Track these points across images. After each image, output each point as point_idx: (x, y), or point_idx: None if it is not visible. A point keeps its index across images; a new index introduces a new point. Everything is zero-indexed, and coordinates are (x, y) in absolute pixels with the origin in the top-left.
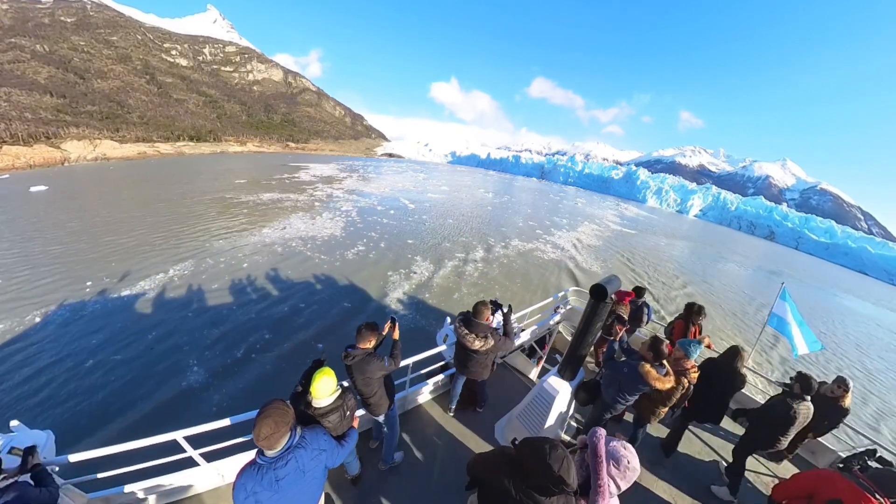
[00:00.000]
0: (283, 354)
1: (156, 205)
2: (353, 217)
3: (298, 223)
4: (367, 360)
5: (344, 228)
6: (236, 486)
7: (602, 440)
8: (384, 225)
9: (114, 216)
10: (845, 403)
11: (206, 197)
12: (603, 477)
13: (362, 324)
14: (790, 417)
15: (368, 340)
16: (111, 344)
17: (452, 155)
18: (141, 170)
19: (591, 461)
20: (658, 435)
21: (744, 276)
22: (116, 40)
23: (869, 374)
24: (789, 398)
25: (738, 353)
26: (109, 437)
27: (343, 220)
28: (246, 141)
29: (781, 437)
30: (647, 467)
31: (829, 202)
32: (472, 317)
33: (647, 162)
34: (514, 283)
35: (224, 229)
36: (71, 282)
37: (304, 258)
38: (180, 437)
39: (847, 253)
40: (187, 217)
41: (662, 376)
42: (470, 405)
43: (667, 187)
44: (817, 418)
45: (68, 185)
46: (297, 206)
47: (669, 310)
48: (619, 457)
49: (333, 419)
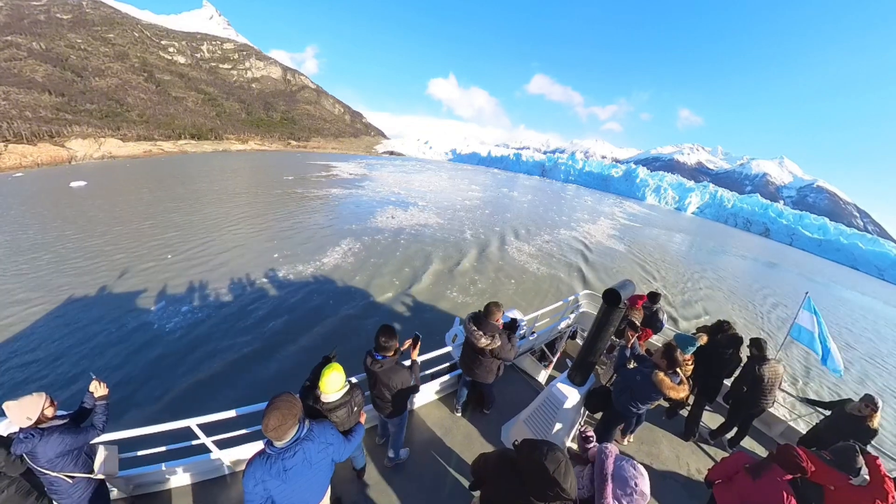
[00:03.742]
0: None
1: (237, 198)
2: (434, 211)
3: (401, 215)
4: (396, 370)
5: (441, 219)
6: (246, 474)
7: (611, 458)
8: (467, 218)
9: (206, 210)
10: (873, 424)
11: (276, 190)
12: (607, 498)
13: (385, 330)
14: (757, 378)
15: (393, 349)
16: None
17: (453, 153)
18: (161, 167)
19: (597, 479)
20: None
21: (745, 269)
22: (113, 37)
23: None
24: (753, 362)
25: (741, 340)
26: (129, 421)
27: (432, 213)
28: (247, 139)
29: (763, 399)
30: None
31: (826, 200)
32: (483, 316)
33: (646, 159)
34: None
35: (331, 219)
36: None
37: (429, 248)
38: (194, 424)
39: (839, 249)
40: (286, 208)
41: (676, 385)
42: (477, 406)
43: (665, 185)
44: (841, 438)
45: (107, 181)
46: (377, 200)
47: (685, 314)
48: (626, 478)
49: (341, 414)
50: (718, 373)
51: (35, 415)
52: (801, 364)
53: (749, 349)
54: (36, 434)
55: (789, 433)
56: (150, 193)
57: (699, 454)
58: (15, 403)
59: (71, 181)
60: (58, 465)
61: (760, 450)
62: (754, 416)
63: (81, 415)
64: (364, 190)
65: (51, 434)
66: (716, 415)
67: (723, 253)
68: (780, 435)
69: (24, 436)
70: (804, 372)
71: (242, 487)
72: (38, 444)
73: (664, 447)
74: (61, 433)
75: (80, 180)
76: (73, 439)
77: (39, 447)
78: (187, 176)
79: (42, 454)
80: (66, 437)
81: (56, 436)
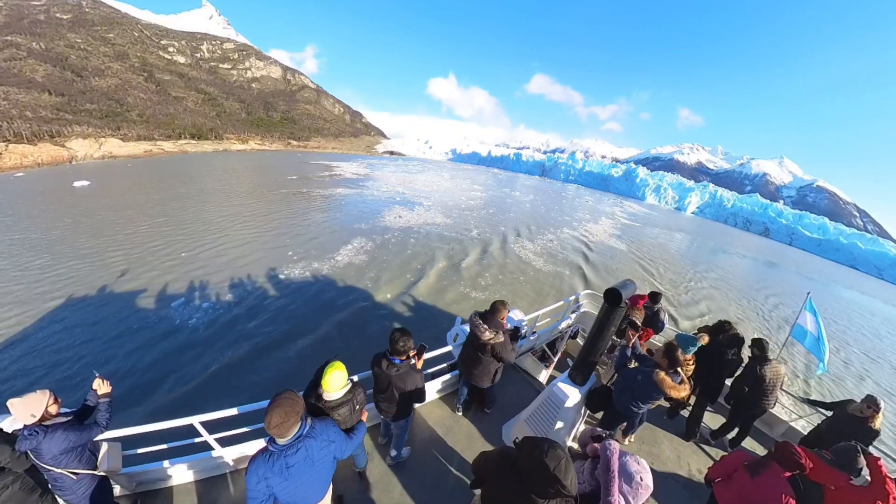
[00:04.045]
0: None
1: (245, 197)
2: (439, 210)
3: (408, 214)
4: (411, 374)
5: (447, 219)
6: (249, 470)
7: (615, 454)
8: (472, 217)
9: (215, 209)
10: (875, 424)
11: (281, 190)
12: (614, 494)
13: (401, 333)
14: (759, 378)
15: (408, 353)
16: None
17: (453, 153)
18: (163, 167)
19: (603, 475)
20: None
21: (745, 268)
22: (113, 37)
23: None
24: (755, 363)
25: (742, 340)
26: (132, 418)
27: (438, 212)
28: (248, 139)
29: (764, 399)
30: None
31: (825, 199)
32: (490, 313)
33: (646, 159)
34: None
35: (333, 219)
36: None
37: (433, 245)
38: (197, 422)
39: (838, 249)
40: (294, 207)
41: (678, 384)
42: (478, 406)
43: (665, 185)
44: (843, 438)
45: (108, 181)
46: (383, 200)
47: (685, 313)
48: (632, 473)
49: (343, 412)
50: (720, 373)
51: (39, 412)
52: (803, 363)
53: (751, 349)
54: (40, 431)
55: (791, 434)
56: (156, 193)
57: (700, 454)
58: (19, 401)
59: (73, 181)
60: (62, 462)
61: (761, 450)
62: (755, 416)
63: (85, 412)
64: (369, 190)
65: (55, 431)
66: (717, 415)
67: (723, 252)
68: (782, 435)
69: (28, 433)
70: (805, 372)
71: (245, 484)
72: (42, 441)
73: (665, 447)
74: (65, 430)
75: (83, 180)
76: (76, 436)
77: (44, 444)
78: (190, 175)
79: (46, 451)
80: (70, 434)
81: (60, 433)
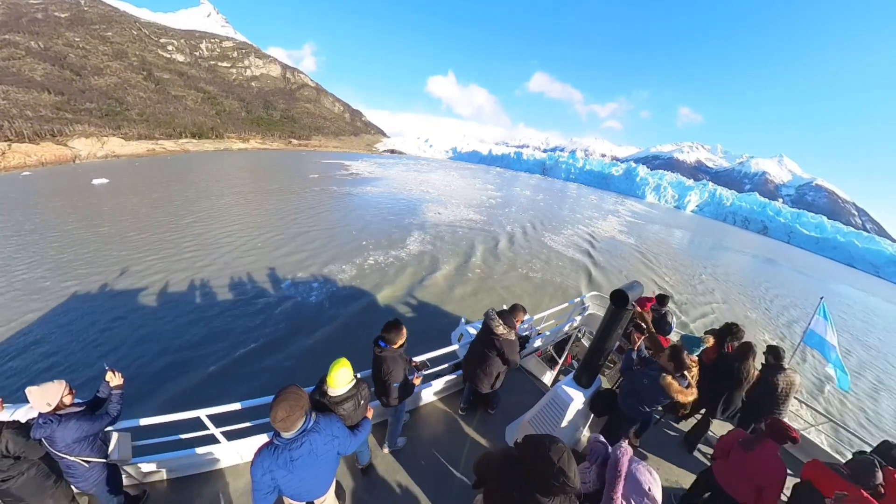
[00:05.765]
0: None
1: (279, 194)
2: (469, 208)
3: (445, 211)
4: (395, 361)
5: (480, 215)
6: (254, 463)
7: (626, 456)
8: (500, 214)
9: (261, 208)
10: None
11: (314, 188)
12: (617, 494)
13: (389, 325)
14: (771, 387)
15: (396, 343)
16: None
17: (454, 151)
18: (172, 166)
19: (610, 474)
20: (678, 430)
21: (745, 267)
22: (111, 36)
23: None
24: (768, 370)
25: (750, 350)
26: (142, 410)
27: (469, 209)
28: (248, 138)
29: (776, 409)
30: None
31: (825, 198)
32: (507, 313)
33: (645, 158)
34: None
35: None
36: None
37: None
38: (204, 415)
39: (836, 247)
40: (336, 205)
41: (685, 388)
42: (482, 406)
43: (665, 184)
44: None
45: (127, 179)
46: (415, 198)
47: (692, 315)
48: (641, 481)
49: (348, 407)
50: (731, 387)
51: (55, 401)
52: (812, 370)
53: (765, 356)
54: (54, 420)
55: (804, 444)
56: (187, 191)
57: (703, 464)
58: (37, 389)
59: (92, 179)
60: (74, 450)
61: None
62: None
63: (97, 403)
64: (394, 188)
65: (68, 420)
66: (725, 423)
67: (722, 249)
68: (794, 447)
69: (42, 421)
70: (817, 381)
71: (250, 476)
72: (56, 430)
73: (667, 452)
74: (78, 419)
75: (102, 178)
76: (89, 426)
77: (58, 432)
78: (209, 174)
79: (60, 439)
80: (83, 423)
81: (73, 422)
